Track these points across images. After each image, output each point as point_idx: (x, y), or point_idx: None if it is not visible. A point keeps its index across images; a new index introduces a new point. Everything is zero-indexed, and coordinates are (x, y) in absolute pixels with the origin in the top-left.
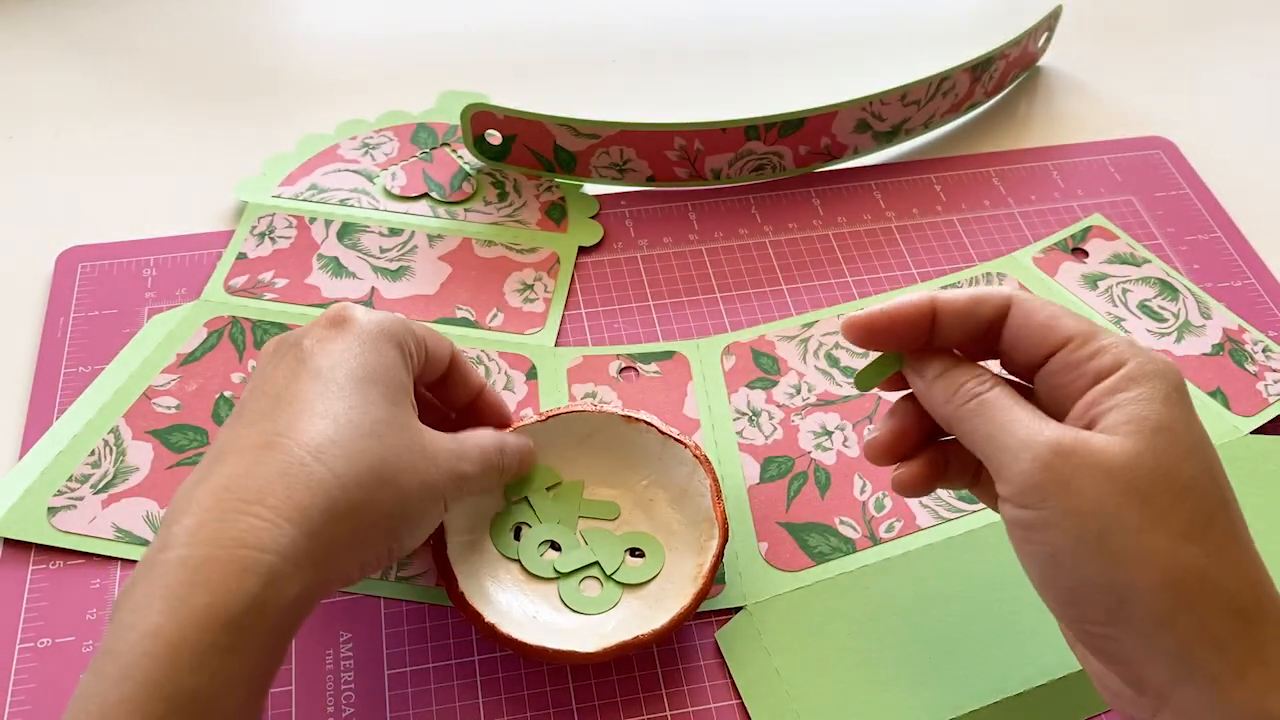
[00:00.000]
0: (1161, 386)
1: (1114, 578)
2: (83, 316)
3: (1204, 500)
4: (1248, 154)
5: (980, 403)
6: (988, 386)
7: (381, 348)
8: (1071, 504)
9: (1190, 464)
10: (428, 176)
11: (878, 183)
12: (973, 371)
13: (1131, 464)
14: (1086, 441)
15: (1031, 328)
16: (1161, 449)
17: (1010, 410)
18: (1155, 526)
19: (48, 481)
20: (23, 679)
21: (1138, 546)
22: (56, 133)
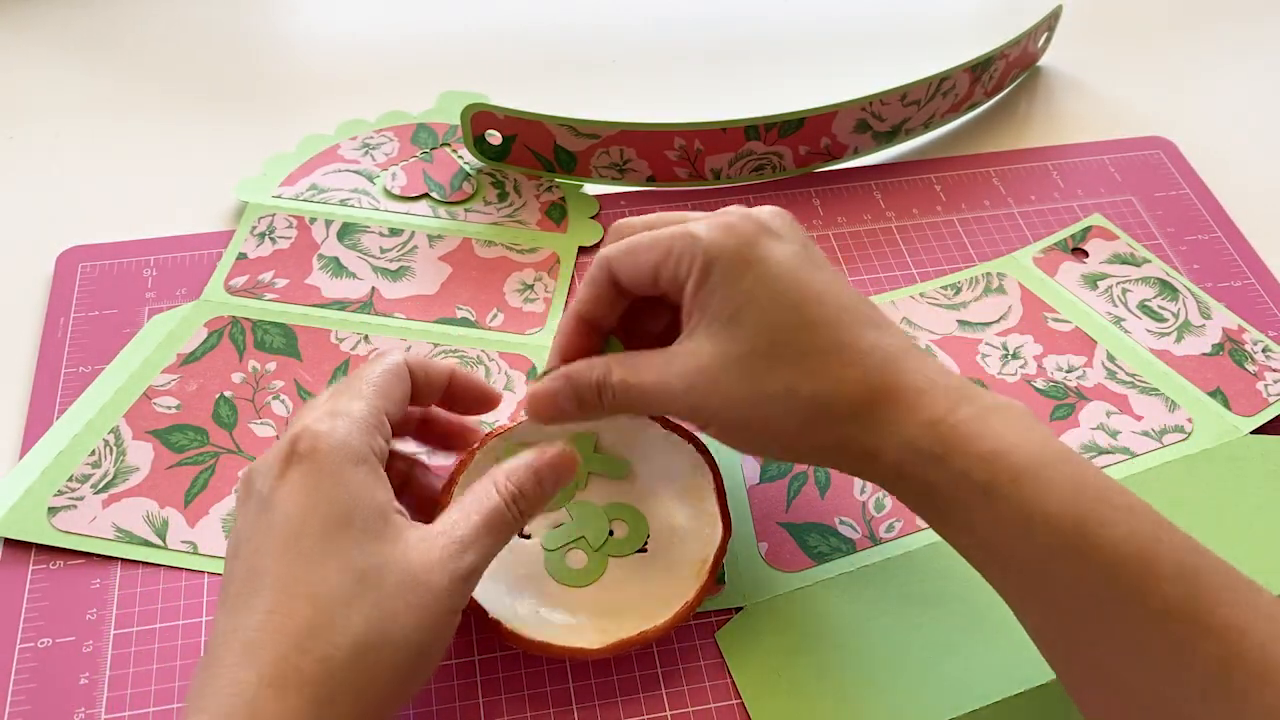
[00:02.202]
0: (723, 268)
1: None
2: (83, 316)
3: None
4: (1248, 154)
5: (620, 402)
6: (609, 389)
7: (348, 476)
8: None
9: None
10: (428, 177)
11: (878, 183)
12: (588, 381)
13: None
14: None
15: (630, 271)
16: (739, 324)
17: (638, 388)
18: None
19: (48, 481)
20: (23, 679)
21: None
22: (57, 132)
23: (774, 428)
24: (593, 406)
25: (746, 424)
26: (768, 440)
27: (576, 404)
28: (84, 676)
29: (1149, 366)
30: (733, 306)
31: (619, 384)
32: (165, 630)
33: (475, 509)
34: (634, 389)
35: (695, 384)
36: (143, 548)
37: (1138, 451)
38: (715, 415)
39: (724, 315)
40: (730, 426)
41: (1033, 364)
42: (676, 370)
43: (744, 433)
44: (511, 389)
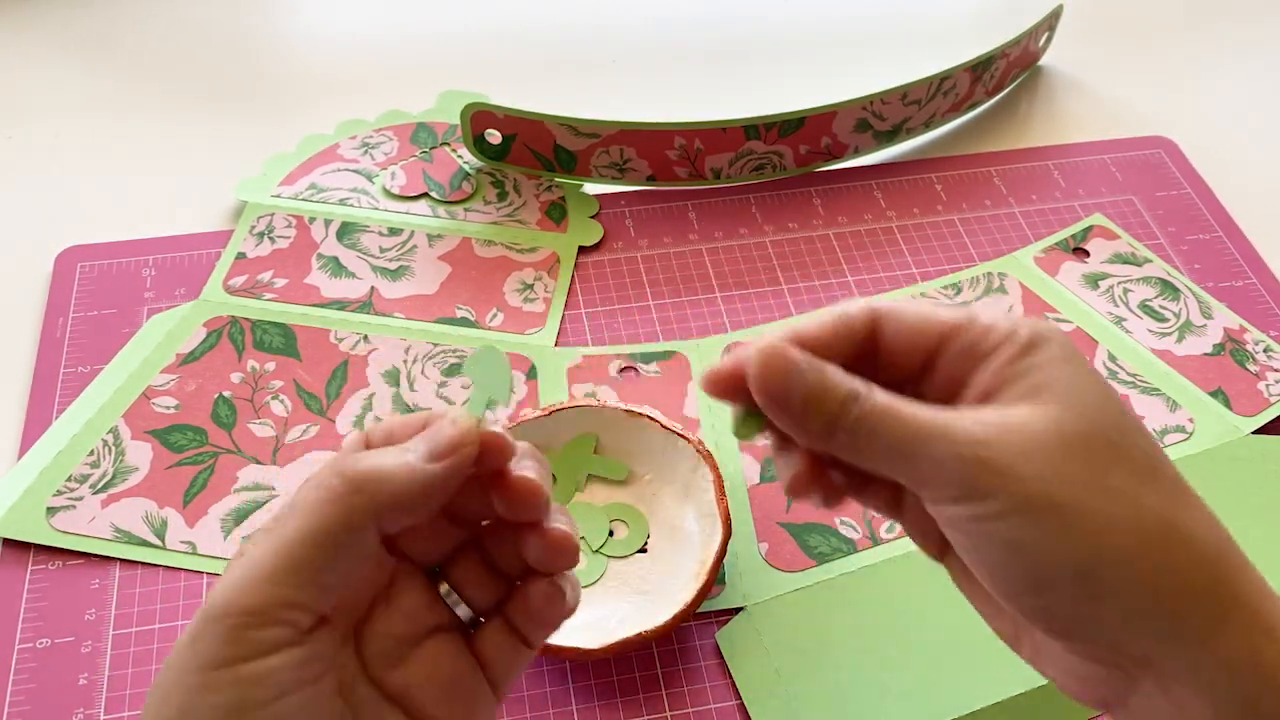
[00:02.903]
0: (1058, 347)
1: (1081, 549)
2: (82, 316)
3: (1141, 447)
4: (1249, 153)
5: (861, 420)
6: (864, 402)
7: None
8: (1017, 487)
9: (1112, 413)
10: (427, 176)
11: (878, 182)
12: (839, 384)
13: (1061, 426)
14: (1006, 419)
15: (908, 331)
16: (1082, 404)
17: (901, 413)
18: (1108, 484)
19: (47, 481)
20: (22, 679)
21: (1099, 509)
22: (56, 132)
23: (1096, 521)
24: (820, 415)
25: (1059, 507)
26: (1068, 540)
27: (804, 399)
28: (83, 677)
29: (1150, 366)
30: (1067, 385)
31: (881, 405)
32: (164, 630)
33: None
34: (897, 417)
35: (1006, 440)
36: (141, 548)
37: None
38: (1021, 483)
39: (1057, 390)
40: (1033, 505)
41: None
42: (975, 419)
43: (1048, 519)
44: (511, 389)
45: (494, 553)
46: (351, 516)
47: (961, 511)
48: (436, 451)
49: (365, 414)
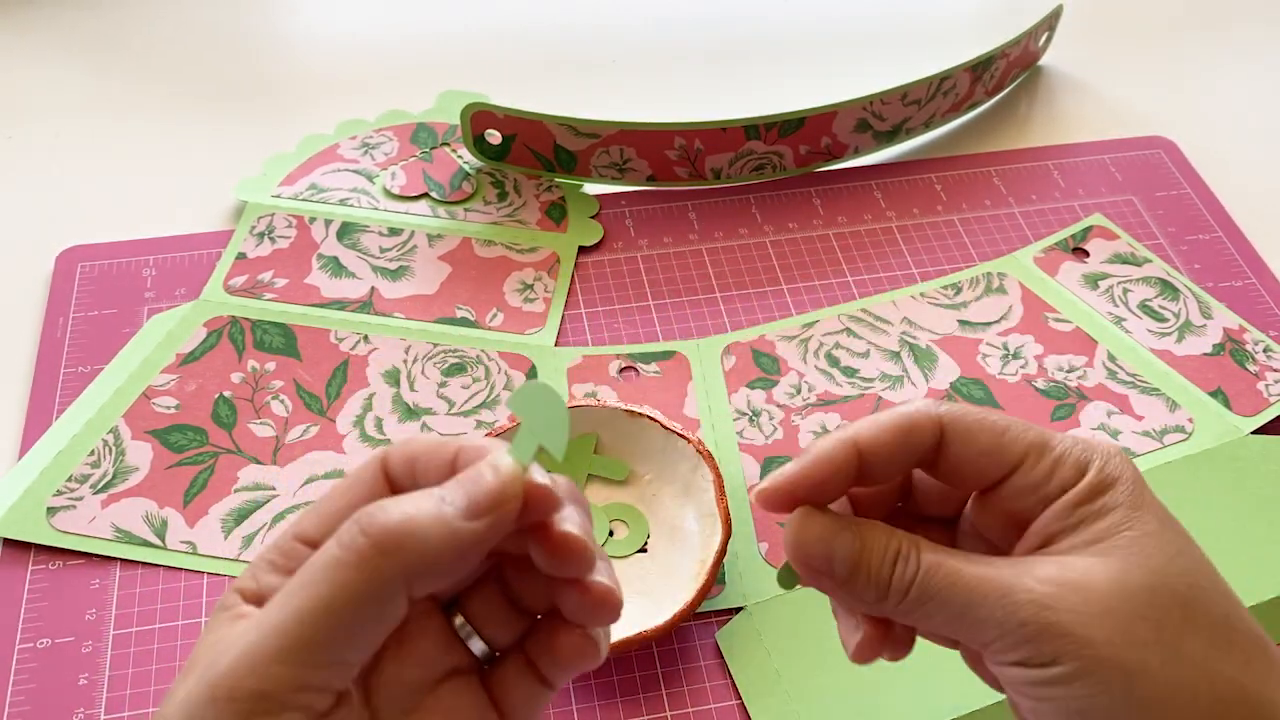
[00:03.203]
0: (1127, 491)
1: (1154, 712)
2: (82, 316)
3: (1218, 605)
4: (1248, 154)
5: (921, 588)
6: (914, 563)
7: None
8: (1086, 652)
9: (1184, 566)
10: (427, 176)
11: (878, 182)
12: (885, 547)
13: (1126, 582)
14: (1068, 575)
15: (977, 455)
16: (1149, 557)
17: (959, 573)
18: (1181, 650)
19: (47, 481)
20: (22, 679)
21: (1171, 678)
22: (56, 132)
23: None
24: (869, 584)
25: (1130, 675)
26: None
27: (849, 569)
28: (83, 677)
29: (1150, 366)
30: (1135, 536)
31: (932, 565)
32: (164, 630)
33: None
34: (953, 578)
35: (1071, 601)
36: (142, 548)
37: (1139, 452)
38: (1089, 648)
39: (1122, 541)
40: (1102, 672)
41: (1033, 364)
42: (1037, 577)
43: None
44: (511, 389)
45: (516, 587)
46: (379, 585)
47: (1026, 675)
48: (476, 507)
49: (365, 414)
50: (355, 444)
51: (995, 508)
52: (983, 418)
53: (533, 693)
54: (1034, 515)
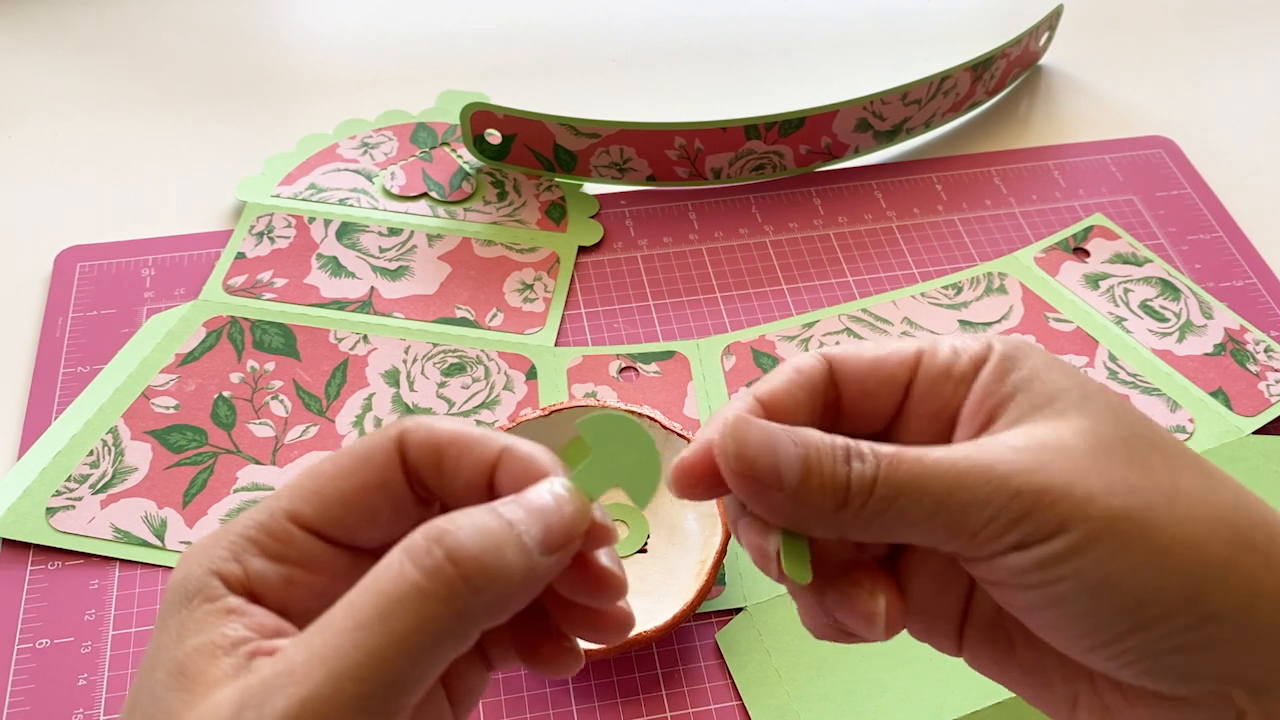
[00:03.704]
0: (1040, 355)
1: (1185, 568)
2: (81, 316)
3: (1177, 444)
4: (1249, 153)
5: (888, 483)
6: (870, 458)
7: (163, 625)
8: (1092, 511)
9: (1132, 411)
10: (427, 176)
11: (879, 182)
12: (832, 444)
13: (1098, 434)
14: (1037, 440)
15: (868, 372)
16: (1100, 406)
17: (925, 462)
18: (1179, 491)
19: (46, 481)
20: (21, 679)
21: (1182, 520)
22: (56, 132)
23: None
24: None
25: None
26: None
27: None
28: (83, 677)
29: (1150, 366)
30: (1074, 390)
31: (889, 455)
32: None
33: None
34: (918, 463)
35: (1057, 463)
36: (141, 548)
37: None
38: (1095, 505)
39: (1068, 398)
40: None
41: None
42: (1007, 447)
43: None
44: (511, 389)
45: None
46: (466, 624)
47: (1030, 558)
48: (552, 540)
49: (365, 414)
50: None
51: (918, 413)
52: (863, 343)
53: (481, 678)
54: (958, 401)
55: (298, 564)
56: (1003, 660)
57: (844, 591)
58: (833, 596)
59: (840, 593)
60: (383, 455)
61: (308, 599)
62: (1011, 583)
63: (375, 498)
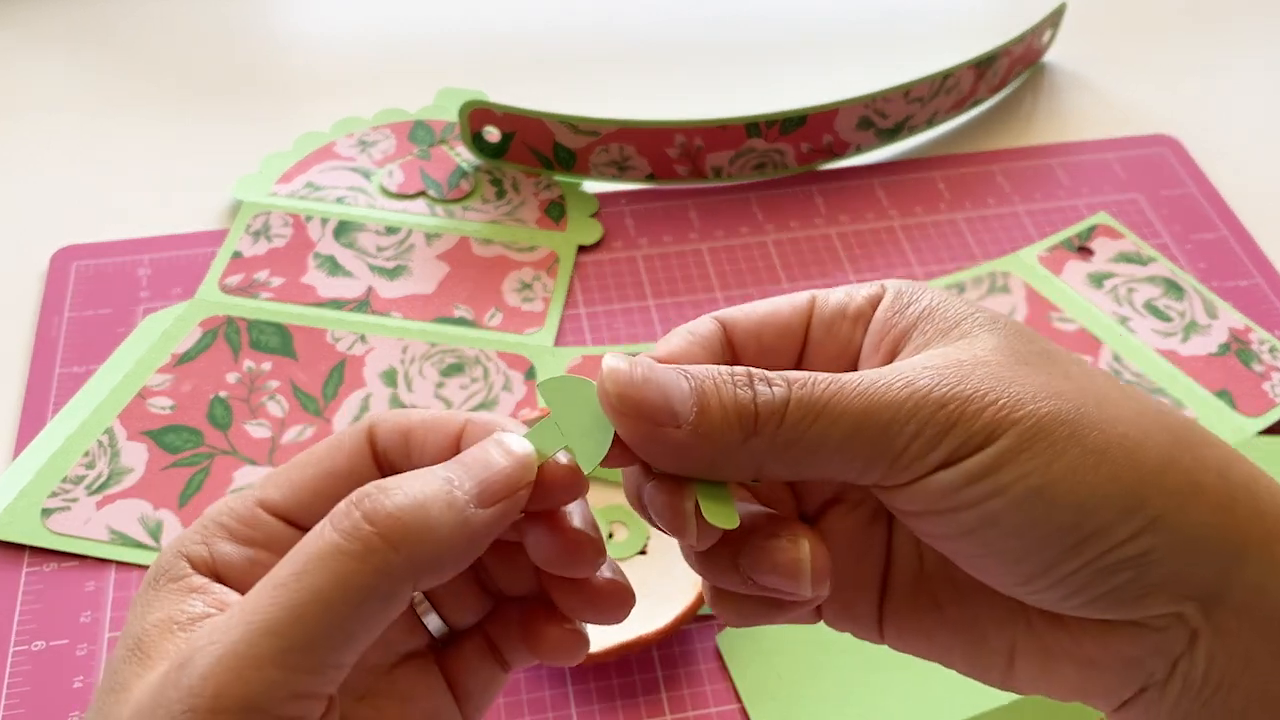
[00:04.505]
0: (929, 291)
1: (1124, 472)
2: (77, 316)
3: (1078, 356)
4: (1254, 152)
5: (802, 406)
6: (777, 381)
7: (134, 605)
8: (1021, 416)
9: (1036, 333)
10: (425, 174)
11: (881, 181)
12: (730, 371)
13: (1011, 347)
14: (951, 356)
15: (759, 326)
16: (1008, 329)
17: (839, 383)
18: (1104, 397)
19: (42, 483)
20: (16, 682)
21: (1112, 421)
22: (52, 130)
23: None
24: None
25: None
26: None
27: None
28: (78, 680)
29: (1155, 366)
30: (972, 314)
31: (798, 379)
32: None
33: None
34: (831, 385)
35: (978, 374)
36: (137, 550)
37: None
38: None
39: (973, 321)
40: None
41: None
42: (921, 366)
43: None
44: (510, 389)
45: (490, 569)
46: (387, 580)
47: (962, 472)
48: (488, 492)
49: (362, 415)
50: None
51: (817, 359)
52: (753, 302)
53: (492, 676)
54: (858, 340)
55: (264, 546)
56: (929, 628)
57: (760, 546)
58: (750, 556)
59: (757, 548)
60: (352, 443)
61: None
62: (940, 508)
63: (342, 484)
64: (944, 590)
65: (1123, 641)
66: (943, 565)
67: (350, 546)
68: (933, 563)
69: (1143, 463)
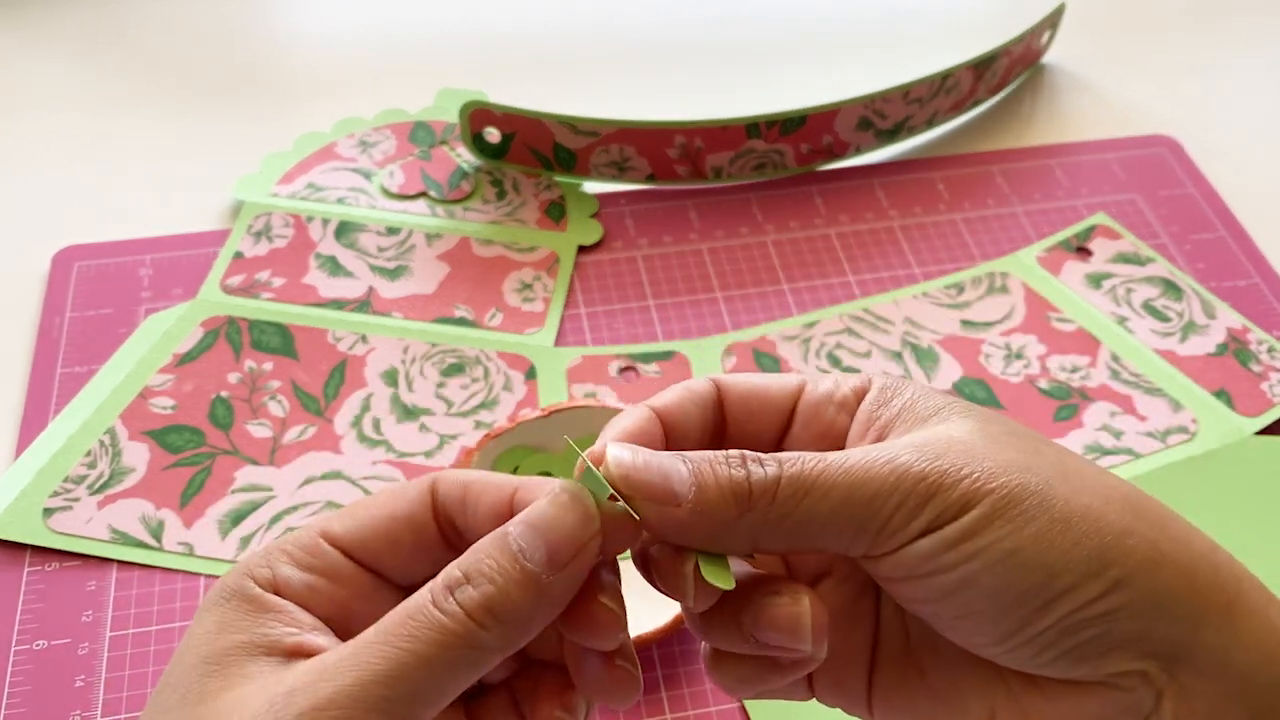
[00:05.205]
0: (915, 385)
1: (1090, 539)
2: (78, 316)
3: (1046, 439)
4: (1252, 152)
5: (793, 482)
6: (768, 461)
7: (199, 620)
8: (996, 488)
9: (1008, 418)
10: (426, 175)
11: (880, 181)
12: (723, 454)
13: (991, 433)
14: (931, 438)
15: (750, 394)
16: (985, 416)
17: (826, 461)
18: (1069, 471)
19: (43, 482)
20: (18, 681)
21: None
22: (53, 130)
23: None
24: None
25: (1047, 500)
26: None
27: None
28: (80, 679)
29: (1153, 367)
30: (954, 405)
31: (786, 458)
32: (161, 632)
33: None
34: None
35: (955, 450)
36: (138, 549)
37: (1142, 452)
38: (997, 481)
39: (952, 410)
40: (1019, 501)
41: (1036, 364)
42: (906, 445)
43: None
44: (510, 389)
45: None
46: (483, 655)
47: (939, 540)
48: (559, 556)
49: (363, 414)
50: (353, 445)
51: (802, 438)
52: (750, 373)
53: None
54: (842, 426)
55: (323, 574)
56: (915, 699)
57: (762, 603)
58: (751, 614)
59: (759, 604)
60: (415, 492)
61: (328, 607)
62: (921, 572)
63: (401, 527)
64: (928, 658)
65: (1094, 703)
66: (927, 636)
67: (451, 625)
68: (918, 634)
69: (1105, 529)
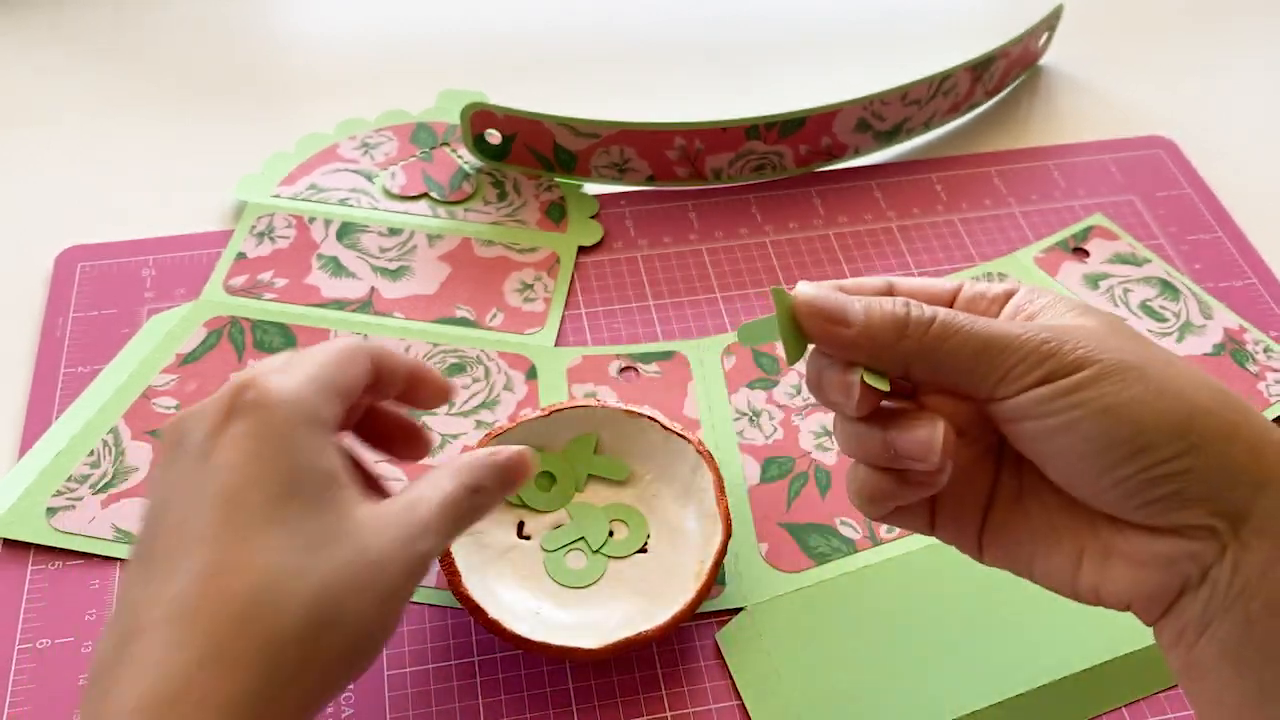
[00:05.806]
0: (1052, 293)
1: (1177, 405)
2: (82, 316)
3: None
4: (1249, 153)
5: (943, 325)
6: (926, 309)
7: (299, 437)
8: (1104, 356)
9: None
10: (427, 176)
11: (879, 182)
12: (891, 299)
13: (1113, 325)
14: (1067, 324)
15: (918, 290)
16: (1111, 320)
17: (973, 319)
18: (1172, 363)
19: (47, 482)
20: (21, 680)
21: (1177, 374)
22: (55, 131)
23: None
24: (890, 316)
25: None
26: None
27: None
28: (83, 678)
29: None
30: (1086, 307)
31: (942, 310)
32: None
33: (435, 495)
34: (966, 319)
35: (1079, 331)
36: None
37: None
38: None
39: (1084, 309)
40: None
41: None
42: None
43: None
44: (511, 389)
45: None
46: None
47: (1050, 390)
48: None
49: None
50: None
51: None
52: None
53: None
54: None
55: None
56: (1018, 538)
57: (905, 421)
58: (897, 427)
59: (903, 421)
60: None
61: None
62: (1034, 414)
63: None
64: (1034, 505)
65: (1166, 545)
66: (1035, 488)
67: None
68: (1028, 485)
69: (1192, 406)
